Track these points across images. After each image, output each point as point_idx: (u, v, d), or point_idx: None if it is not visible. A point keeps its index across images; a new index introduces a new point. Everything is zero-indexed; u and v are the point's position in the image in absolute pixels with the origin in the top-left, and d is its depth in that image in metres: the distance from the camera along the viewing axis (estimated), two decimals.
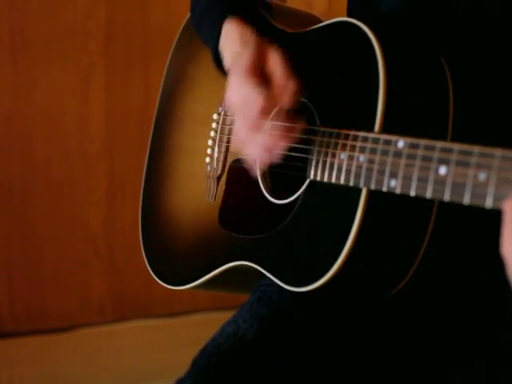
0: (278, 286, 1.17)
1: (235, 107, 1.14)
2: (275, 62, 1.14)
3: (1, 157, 2.41)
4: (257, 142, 1.13)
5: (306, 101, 1.18)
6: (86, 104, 2.47)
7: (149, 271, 1.43)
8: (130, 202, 2.49)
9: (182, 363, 1.21)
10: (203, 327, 1.98)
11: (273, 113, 1.15)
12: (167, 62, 1.51)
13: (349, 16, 1.31)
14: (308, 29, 1.23)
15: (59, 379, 2.51)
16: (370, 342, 1.16)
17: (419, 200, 0.98)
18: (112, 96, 2.49)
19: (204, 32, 1.31)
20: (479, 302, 1.17)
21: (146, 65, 2.51)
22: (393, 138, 1.01)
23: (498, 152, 0.83)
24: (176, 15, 2.46)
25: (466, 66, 1.14)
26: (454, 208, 0.94)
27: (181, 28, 1.49)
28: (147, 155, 1.51)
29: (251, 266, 1.21)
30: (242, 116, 1.13)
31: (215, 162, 1.35)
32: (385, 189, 1.01)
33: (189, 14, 1.45)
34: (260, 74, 1.13)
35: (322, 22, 1.36)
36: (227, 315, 1.22)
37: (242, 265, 1.23)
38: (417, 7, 1.18)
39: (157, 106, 1.51)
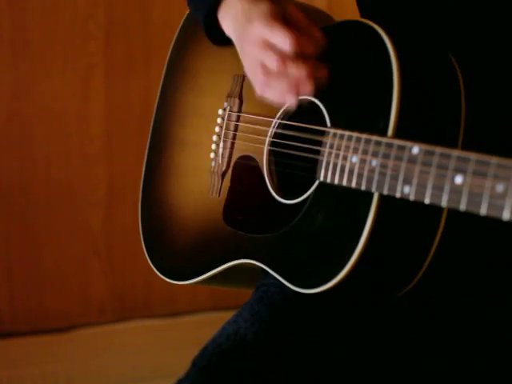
0: (280, 286, 1.17)
1: (264, 45, 1.13)
2: (296, 10, 1.15)
3: (1, 157, 2.40)
4: (286, 78, 1.13)
5: (315, 101, 1.17)
6: (86, 104, 2.47)
7: (149, 270, 1.41)
8: (130, 202, 2.48)
9: (182, 363, 1.20)
10: (203, 327, 1.97)
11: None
12: (168, 55, 1.50)
13: (360, 12, 1.31)
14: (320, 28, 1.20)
15: (59, 379, 2.50)
16: (371, 343, 1.16)
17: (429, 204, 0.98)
18: (112, 96, 2.49)
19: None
20: (487, 304, 1.17)
21: (146, 65, 2.51)
22: (407, 143, 1.00)
23: None
24: (176, 15, 2.45)
25: (478, 64, 1.14)
26: (465, 213, 0.94)
27: (182, 22, 1.48)
28: (147, 149, 1.50)
29: (256, 265, 1.21)
30: (272, 54, 1.13)
31: (220, 158, 1.34)
32: (398, 195, 1.00)
33: (188, 12, 1.45)
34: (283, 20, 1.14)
35: (330, 17, 1.36)
36: (227, 315, 1.22)
37: (247, 263, 1.23)
38: (430, 3, 1.17)
39: (157, 99, 1.49)
